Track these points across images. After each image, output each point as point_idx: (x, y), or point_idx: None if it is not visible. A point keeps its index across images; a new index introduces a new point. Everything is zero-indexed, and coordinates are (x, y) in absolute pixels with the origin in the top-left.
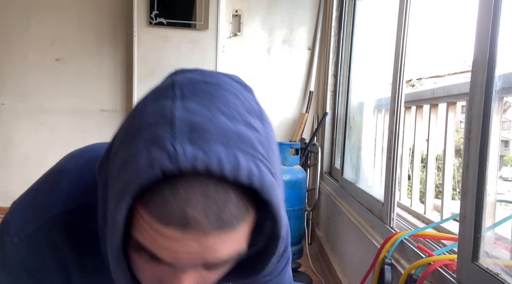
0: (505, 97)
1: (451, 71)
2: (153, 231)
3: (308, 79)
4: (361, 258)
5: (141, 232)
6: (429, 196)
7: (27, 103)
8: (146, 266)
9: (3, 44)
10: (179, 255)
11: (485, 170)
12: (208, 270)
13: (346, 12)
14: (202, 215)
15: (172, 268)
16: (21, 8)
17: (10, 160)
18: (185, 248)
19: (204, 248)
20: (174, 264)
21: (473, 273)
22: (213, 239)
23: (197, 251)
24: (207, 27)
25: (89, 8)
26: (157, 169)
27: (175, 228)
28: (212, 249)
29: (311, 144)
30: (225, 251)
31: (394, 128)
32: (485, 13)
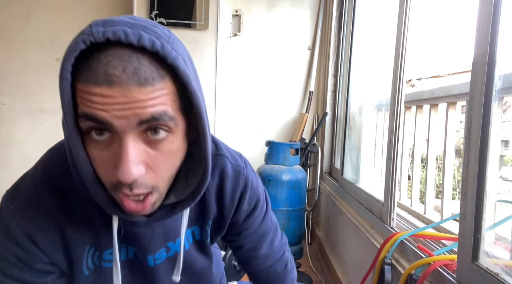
0: (505, 97)
1: (451, 71)
2: (89, 95)
3: (308, 79)
4: (361, 258)
5: (82, 103)
6: (429, 196)
7: (27, 103)
8: (98, 153)
9: (3, 44)
10: (114, 111)
11: (485, 170)
12: (147, 139)
13: (346, 12)
14: (121, 72)
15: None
16: (21, 8)
17: (10, 159)
18: (115, 101)
19: (131, 101)
20: (111, 123)
21: (473, 273)
22: (136, 94)
23: (126, 104)
24: (207, 27)
25: (89, 8)
26: (80, 43)
27: (104, 86)
28: (139, 103)
29: (311, 144)
30: (150, 107)
31: (394, 128)
32: (485, 13)
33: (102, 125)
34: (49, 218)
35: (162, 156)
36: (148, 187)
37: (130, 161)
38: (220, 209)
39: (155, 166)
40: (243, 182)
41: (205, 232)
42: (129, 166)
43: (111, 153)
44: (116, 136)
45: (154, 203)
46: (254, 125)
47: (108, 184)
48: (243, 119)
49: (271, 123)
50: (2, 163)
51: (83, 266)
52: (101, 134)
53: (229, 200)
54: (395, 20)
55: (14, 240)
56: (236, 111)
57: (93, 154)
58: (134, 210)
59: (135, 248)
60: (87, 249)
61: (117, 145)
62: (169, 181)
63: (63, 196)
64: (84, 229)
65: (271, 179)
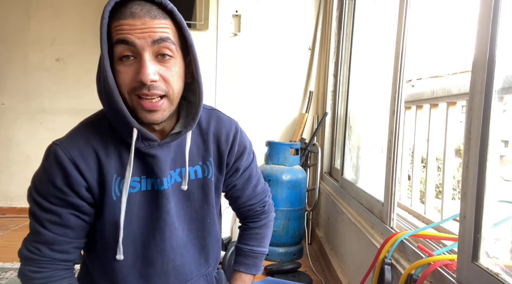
0: (505, 97)
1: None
2: (120, 26)
3: (308, 79)
4: (361, 258)
5: (116, 33)
6: (429, 196)
7: (27, 103)
8: (125, 69)
9: (3, 44)
10: (136, 33)
11: (485, 170)
12: (159, 61)
13: (346, 12)
14: (139, 11)
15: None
16: (21, 8)
17: (10, 160)
18: (136, 27)
19: (147, 27)
20: (135, 42)
21: (473, 273)
22: (149, 23)
23: (143, 29)
24: (207, 27)
25: (89, 8)
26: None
27: (129, 19)
28: (151, 28)
29: (311, 144)
30: (159, 32)
31: (394, 128)
32: (485, 13)
33: (129, 46)
34: (88, 146)
35: (169, 72)
36: (162, 90)
37: (149, 68)
38: (218, 148)
39: (165, 77)
40: (234, 127)
41: (207, 168)
42: (148, 71)
43: (134, 67)
44: (138, 58)
45: (164, 110)
46: (254, 125)
47: (129, 89)
48: (243, 119)
49: (271, 123)
50: (2, 163)
51: (111, 192)
52: (128, 58)
53: (224, 140)
54: (395, 20)
55: (60, 165)
56: (236, 111)
57: (121, 70)
58: (149, 107)
59: (152, 179)
60: (114, 177)
61: (139, 62)
62: (176, 95)
63: (99, 132)
64: (114, 159)
65: (271, 179)
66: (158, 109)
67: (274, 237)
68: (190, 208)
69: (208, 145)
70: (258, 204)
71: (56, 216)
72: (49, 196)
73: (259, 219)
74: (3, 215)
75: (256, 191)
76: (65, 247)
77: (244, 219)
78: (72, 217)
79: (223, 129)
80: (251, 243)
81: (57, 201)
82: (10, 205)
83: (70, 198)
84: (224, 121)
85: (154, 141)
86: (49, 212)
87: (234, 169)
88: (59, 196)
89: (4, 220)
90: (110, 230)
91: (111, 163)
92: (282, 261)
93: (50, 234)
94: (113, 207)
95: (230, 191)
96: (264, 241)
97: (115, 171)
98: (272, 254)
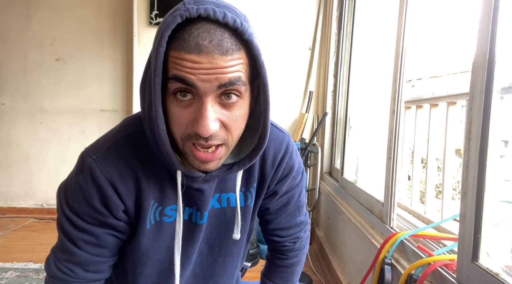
0: (505, 97)
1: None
2: (180, 60)
3: (308, 79)
4: (361, 258)
5: (174, 67)
6: (429, 196)
7: (27, 103)
8: (179, 111)
9: (3, 44)
10: (200, 74)
11: (485, 170)
12: (222, 103)
13: (346, 12)
14: (208, 43)
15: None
16: (21, 8)
17: (10, 160)
18: (202, 66)
19: (215, 67)
20: (196, 85)
21: (473, 273)
22: (219, 61)
23: (210, 69)
24: None
25: (89, 8)
26: (178, 16)
27: (194, 54)
28: (220, 69)
29: (311, 144)
30: (229, 73)
31: (394, 128)
32: (485, 13)
33: (188, 87)
34: (127, 167)
35: (233, 117)
36: (221, 139)
37: (210, 118)
38: (262, 171)
39: (228, 125)
40: (285, 146)
41: (250, 195)
42: (208, 122)
43: (191, 111)
44: (197, 98)
45: (220, 158)
46: None
47: (182, 136)
48: None
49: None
50: (2, 163)
51: (147, 220)
52: (185, 96)
53: (270, 162)
54: (395, 20)
55: (97, 186)
56: None
57: (174, 111)
58: (203, 158)
59: (191, 209)
60: (152, 203)
61: (198, 105)
62: (236, 141)
63: (139, 151)
64: (153, 184)
65: None
66: (214, 160)
67: None
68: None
69: (254, 169)
70: (289, 238)
71: (92, 236)
72: (85, 216)
73: (287, 256)
74: (3, 215)
75: (290, 222)
76: (100, 267)
77: (271, 251)
78: (109, 236)
79: (271, 149)
80: (276, 281)
81: (93, 221)
82: (10, 205)
83: (107, 219)
84: (274, 138)
85: (200, 177)
86: (84, 231)
87: (272, 191)
88: (96, 217)
89: (4, 220)
90: (134, 256)
91: (150, 188)
92: None
93: (85, 254)
94: (144, 236)
95: (261, 213)
96: (292, 278)
97: (153, 197)
98: None
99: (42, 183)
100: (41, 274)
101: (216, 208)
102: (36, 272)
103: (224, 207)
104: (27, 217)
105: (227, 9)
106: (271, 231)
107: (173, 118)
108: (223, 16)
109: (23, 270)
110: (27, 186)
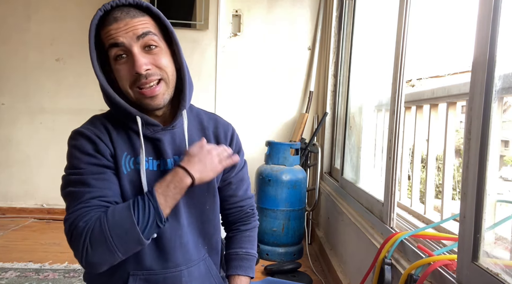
0: (505, 97)
1: (451, 71)
2: (108, 31)
3: (308, 79)
4: (361, 258)
5: (106, 39)
6: (429, 196)
7: (27, 103)
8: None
9: (3, 45)
10: (121, 33)
11: (485, 170)
12: (147, 52)
13: (346, 12)
14: (121, 14)
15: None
16: (21, 8)
17: (10, 160)
18: (120, 28)
19: (129, 26)
20: (123, 42)
21: (473, 273)
22: (130, 22)
23: (126, 28)
24: (207, 27)
25: (89, 8)
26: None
27: (113, 24)
28: (133, 26)
29: (311, 144)
30: (140, 28)
31: (394, 128)
32: (485, 13)
33: (119, 47)
34: (103, 130)
35: (159, 59)
36: (157, 75)
37: (140, 59)
38: (217, 143)
39: (157, 64)
40: (231, 129)
41: None
42: (140, 62)
43: (129, 65)
44: (130, 55)
45: (163, 93)
46: (254, 125)
47: (129, 84)
48: (243, 119)
49: (271, 123)
50: (2, 163)
51: (122, 167)
52: (122, 57)
53: (223, 136)
54: (395, 20)
55: (86, 137)
56: (236, 111)
57: (118, 69)
58: (148, 93)
59: (158, 160)
60: (124, 155)
61: (131, 58)
62: (171, 78)
63: (109, 121)
64: (122, 140)
65: (271, 179)
66: (158, 94)
67: (274, 237)
68: (191, 193)
69: (209, 140)
70: (248, 206)
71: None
72: (86, 164)
73: (249, 221)
74: (3, 215)
75: (247, 194)
76: (111, 199)
77: (235, 223)
78: (110, 173)
79: (221, 128)
80: (245, 245)
81: (94, 167)
82: (10, 205)
83: (102, 161)
84: (222, 123)
85: (157, 126)
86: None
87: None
88: (94, 162)
89: (4, 220)
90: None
91: (120, 142)
92: (282, 261)
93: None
94: (123, 180)
95: (225, 187)
96: (255, 243)
97: (124, 150)
98: (272, 254)
99: (42, 183)
100: (41, 274)
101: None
102: (36, 272)
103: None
104: (27, 217)
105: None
106: (235, 203)
107: (118, 74)
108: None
109: (23, 270)
110: (27, 186)
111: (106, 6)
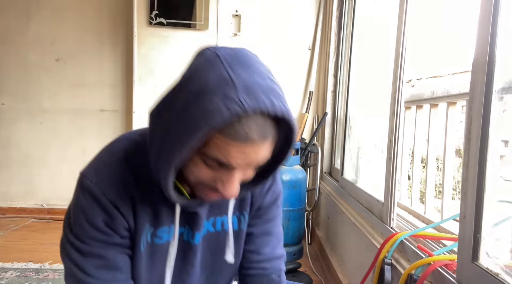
0: (505, 97)
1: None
2: (227, 146)
3: (308, 79)
4: (361, 258)
5: (217, 149)
6: (429, 196)
7: (27, 103)
8: (206, 171)
9: (3, 45)
10: (241, 160)
11: (485, 170)
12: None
13: (346, 12)
14: (257, 136)
15: (223, 170)
16: (21, 8)
17: (10, 160)
18: (246, 154)
19: (257, 153)
20: (233, 166)
21: (473, 273)
22: (261, 149)
23: (252, 157)
24: (207, 27)
25: (89, 8)
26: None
27: (241, 144)
28: (259, 154)
29: (311, 144)
30: (263, 155)
31: (394, 128)
32: (485, 13)
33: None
34: (126, 189)
35: (250, 175)
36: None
37: (235, 186)
38: (253, 196)
39: (246, 178)
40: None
41: (244, 219)
42: (234, 190)
43: (218, 174)
44: (225, 170)
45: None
46: None
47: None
48: None
49: None
50: (2, 163)
51: (141, 242)
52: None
53: (258, 191)
54: (395, 20)
55: (101, 206)
56: None
57: (201, 169)
58: (215, 198)
59: (182, 228)
60: (146, 226)
61: (226, 173)
62: None
63: (136, 174)
64: (147, 205)
65: None
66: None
67: None
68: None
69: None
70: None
71: (101, 259)
72: (90, 239)
73: None
74: (3, 215)
75: (275, 253)
76: None
77: None
78: (119, 255)
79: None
80: None
81: (100, 244)
82: (10, 205)
83: (113, 239)
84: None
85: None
86: (92, 256)
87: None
88: (102, 238)
89: (4, 220)
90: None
91: (144, 210)
92: None
93: (98, 282)
94: (137, 259)
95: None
96: None
97: (147, 219)
98: None
99: (42, 183)
100: (41, 274)
101: (211, 232)
102: (36, 272)
103: (218, 230)
104: (27, 217)
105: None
106: (256, 263)
107: (193, 171)
108: (274, 110)
109: (23, 270)
110: (27, 186)
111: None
